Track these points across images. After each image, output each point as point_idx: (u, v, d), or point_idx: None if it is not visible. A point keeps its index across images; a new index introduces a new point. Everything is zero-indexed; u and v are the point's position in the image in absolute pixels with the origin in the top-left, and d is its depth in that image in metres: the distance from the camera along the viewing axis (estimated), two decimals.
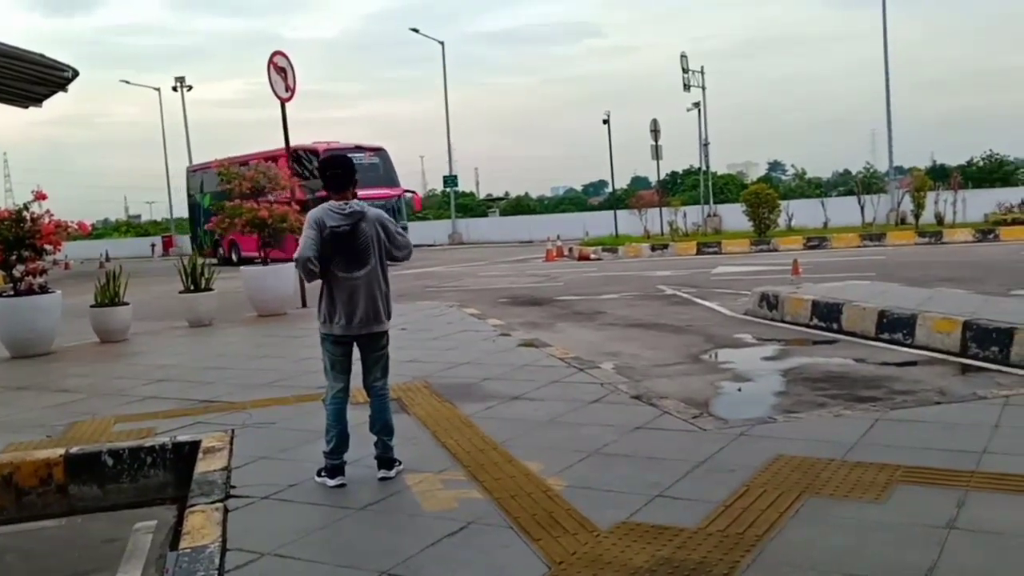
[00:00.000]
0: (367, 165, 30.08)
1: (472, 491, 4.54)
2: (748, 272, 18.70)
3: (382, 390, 5.02)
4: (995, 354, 8.00)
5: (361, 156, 29.94)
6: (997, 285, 13.22)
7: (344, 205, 4.90)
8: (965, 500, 4.00)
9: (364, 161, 30.01)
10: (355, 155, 28.13)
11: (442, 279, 21.22)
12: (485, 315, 12.43)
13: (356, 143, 32.00)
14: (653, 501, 4.23)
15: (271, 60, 14.85)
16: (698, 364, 8.77)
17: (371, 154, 32.00)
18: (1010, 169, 49.49)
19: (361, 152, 30.83)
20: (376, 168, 31.60)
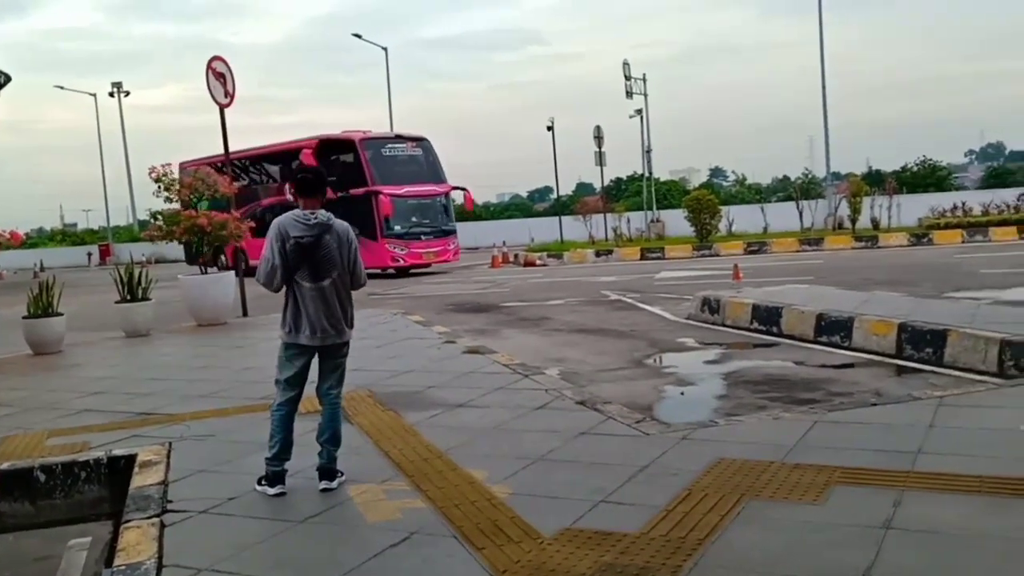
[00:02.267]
0: (407, 158, 26.90)
1: (416, 501, 4.50)
2: (691, 277, 18.91)
3: (336, 399, 4.98)
4: (929, 355, 8.20)
5: (401, 147, 26.96)
6: (931, 288, 13.57)
7: (310, 215, 4.84)
8: (901, 500, 4.08)
9: (404, 153, 26.91)
10: (395, 146, 26.44)
11: (387, 286, 21.09)
12: (430, 322, 12.38)
13: (395, 132, 28.15)
14: (597, 507, 4.24)
15: (210, 65, 14.62)
16: (642, 369, 8.83)
17: (412, 145, 27.54)
18: (943, 175, 50.85)
19: (401, 142, 27.25)
20: (418, 161, 27.39)
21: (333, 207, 21.06)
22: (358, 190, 24.72)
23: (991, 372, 7.44)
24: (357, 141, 25.64)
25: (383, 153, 26.11)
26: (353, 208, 24.49)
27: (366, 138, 26.07)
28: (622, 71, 38.45)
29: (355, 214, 24.51)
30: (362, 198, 24.60)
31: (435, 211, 26.87)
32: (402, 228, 25.44)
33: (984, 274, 15.73)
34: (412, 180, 26.05)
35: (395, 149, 26.57)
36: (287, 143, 28.71)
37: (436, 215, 26.84)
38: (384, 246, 24.82)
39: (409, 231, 25.63)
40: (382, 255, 24.85)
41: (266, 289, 4.91)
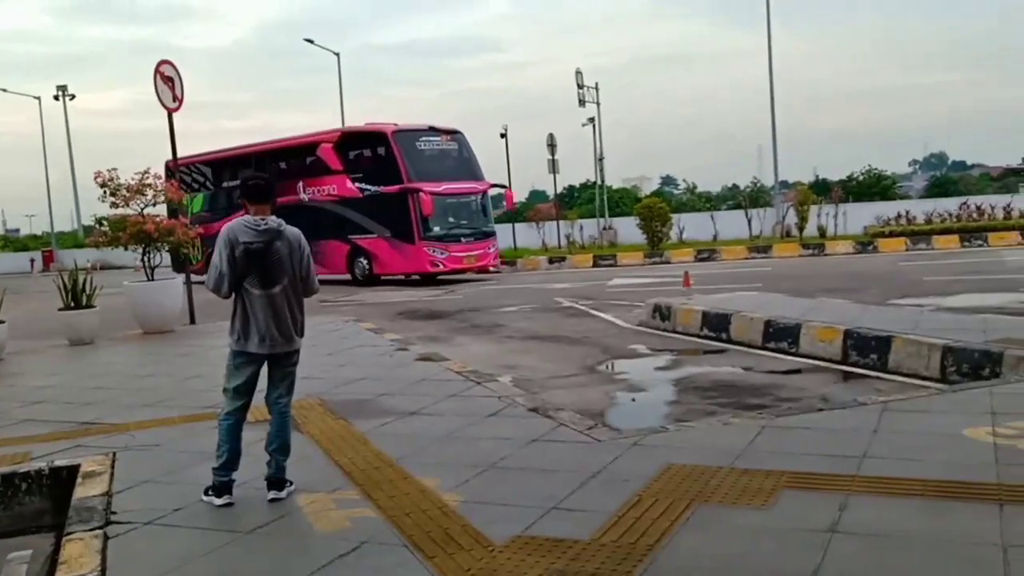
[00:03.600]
0: (442, 152, 24.34)
1: (366, 510, 4.46)
2: (642, 284, 19.06)
3: (286, 407, 4.92)
4: (874, 361, 8.35)
5: (436, 139, 24.30)
6: (876, 295, 13.84)
7: (260, 221, 4.77)
8: (847, 504, 4.14)
9: (439, 146, 24.31)
10: (429, 139, 24.02)
11: (338, 293, 20.91)
12: (382, 329, 12.31)
13: (428, 124, 24.86)
14: (548, 514, 4.24)
15: (158, 69, 14.37)
16: (594, 375, 8.88)
17: (447, 138, 24.73)
18: (888, 183, 51.88)
19: (436, 135, 24.45)
20: (453, 156, 24.75)
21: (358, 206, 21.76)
22: (390, 187, 22.90)
23: (934, 377, 7.61)
24: (389, 133, 23.32)
25: (417, 147, 23.76)
26: (384, 207, 23.18)
27: (399, 130, 23.63)
28: (575, 80, 38.66)
29: (386, 214, 23.20)
30: (395, 196, 22.78)
31: (474, 211, 24.67)
32: (441, 229, 23.25)
33: (927, 281, 16.09)
34: (448, 176, 23.81)
35: (430, 142, 24.21)
36: (301, 137, 26.82)
37: (475, 215, 24.65)
38: (423, 249, 22.82)
39: (449, 232, 23.46)
40: (420, 259, 22.90)
41: (215, 295, 4.83)
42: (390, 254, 23.48)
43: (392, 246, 23.36)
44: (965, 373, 7.44)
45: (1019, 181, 51.90)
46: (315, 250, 21.09)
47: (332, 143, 25.04)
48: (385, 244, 23.54)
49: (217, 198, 28.16)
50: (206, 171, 29.29)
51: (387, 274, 24.00)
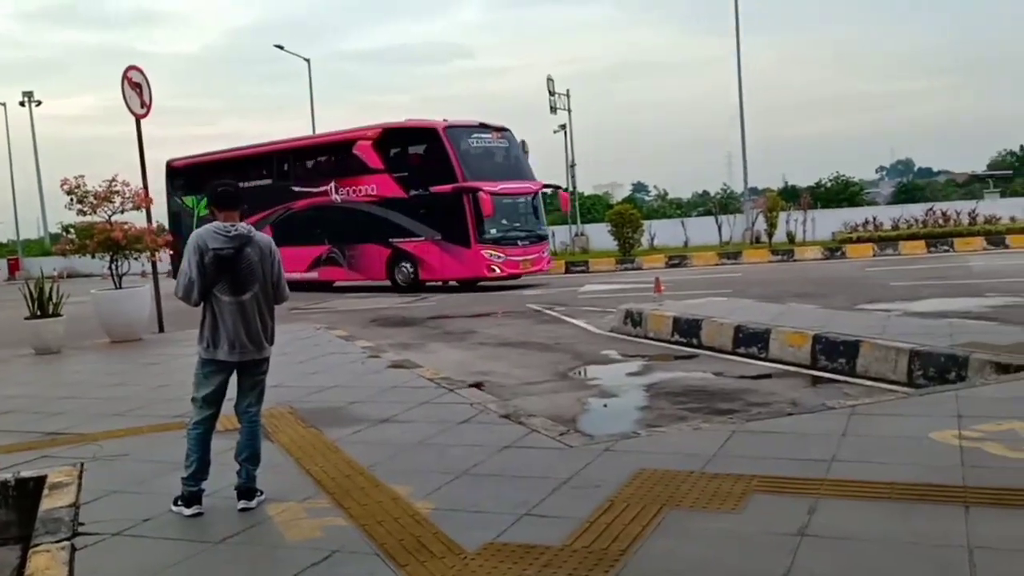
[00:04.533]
0: (494, 150, 22.98)
1: (337, 518, 4.44)
2: (614, 290, 19.14)
3: (255, 416, 4.89)
4: (842, 366, 8.45)
5: (487, 136, 22.87)
6: (844, 300, 13.99)
7: (230, 227, 4.73)
8: (816, 507, 4.18)
9: (491, 144, 22.91)
10: (480, 135, 22.68)
11: (310, 300, 20.78)
12: (354, 337, 12.25)
13: (479, 120, 23.23)
14: (520, 520, 4.24)
15: (125, 75, 14.24)
16: (566, 381, 8.89)
17: (498, 135, 23.23)
18: (855, 190, 52.57)
19: (486, 131, 22.96)
20: (505, 154, 23.28)
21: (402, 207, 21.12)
22: (441, 187, 21.46)
23: (901, 381, 7.71)
24: (441, 129, 21.86)
25: (469, 143, 22.42)
26: (433, 209, 21.81)
27: (450, 126, 22.17)
28: (546, 86, 38.79)
29: (436, 216, 21.87)
30: (447, 197, 21.37)
31: (529, 212, 23.29)
32: (498, 232, 21.82)
33: (894, 286, 16.29)
34: (501, 175, 22.40)
35: (481, 140, 22.81)
36: (333, 134, 25.43)
37: (529, 217, 23.26)
38: (480, 253, 21.41)
39: (506, 235, 22.04)
40: (477, 263, 21.55)
41: (184, 303, 4.79)
42: (440, 258, 22.02)
43: (443, 250, 21.91)
44: (931, 377, 7.55)
45: (984, 187, 52.68)
46: (349, 254, 21.72)
47: (372, 140, 23.42)
48: (434, 248, 22.07)
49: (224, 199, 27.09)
50: (218, 171, 26.32)
51: (436, 280, 22.75)
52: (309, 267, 24.43)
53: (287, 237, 24.53)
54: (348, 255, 23.93)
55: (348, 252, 23.93)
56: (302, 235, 24.28)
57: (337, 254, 24.21)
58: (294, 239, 24.01)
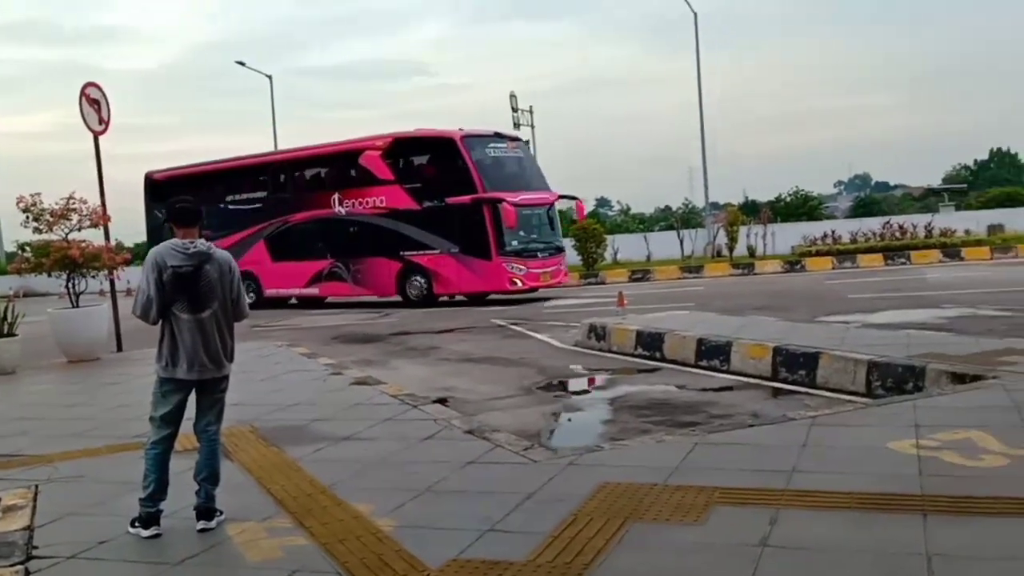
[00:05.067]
0: (511, 159, 22.30)
1: (298, 538, 4.39)
2: (578, 304, 19.19)
3: (215, 435, 4.83)
4: (803, 377, 8.54)
5: (503, 146, 22.17)
6: (804, 312, 14.15)
7: (188, 244, 4.67)
8: (777, 518, 4.21)
9: (508, 154, 22.22)
10: (496, 145, 22.03)
11: (271, 318, 20.59)
12: (316, 354, 12.15)
13: (494, 131, 22.60)
14: (484, 536, 4.23)
15: (83, 91, 14.07)
16: (530, 396, 8.89)
17: (513, 145, 22.71)
18: (814, 204, 53.27)
19: (502, 141, 22.33)
20: (521, 164, 22.65)
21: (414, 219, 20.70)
22: (459, 198, 20.73)
23: (860, 392, 7.81)
24: (458, 139, 21.05)
25: (487, 153, 21.69)
26: (449, 220, 21.09)
27: (467, 135, 21.39)
28: (509, 103, 38.92)
29: (452, 227, 21.12)
30: (466, 208, 20.69)
31: (545, 224, 22.69)
32: (519, 244, 21.21)
33: (853, 299, 16.51)
34: (519, 186, 21.68)
35: (498, 149, 22.11)
36: (336, 144, 24.10)
37: (546, 228, 22.70)
38: (501, 265, 20.72)
39: (527, 247, 21.48)
40: (499, 276, 20.84)
41: (142, 321, 4.73)
42: (458, 271, 21.27)
43: (461, 263, 21.17)
44: (890, 387, 7.65)
45: (939, 201, 53.74)
46: (355, 269, 20.82)
47: (381, 150, 22.47)
48: (451, 261, 21.27)
49: (218, 215, 24.51)
50: (203, 184, 25.89)
51: (452, 294, 22.01)
52: (309, 282, 23.73)
53: (284, 252, 24.32)
54: (353, 269, 22.99)
55: (354, 266, 22.99)
56: (301, 249, 23.69)
57: (341, 269, 23.20)
58: (292, 254, 23.77)
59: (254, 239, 24.57)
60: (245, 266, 24.15)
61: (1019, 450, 5.02)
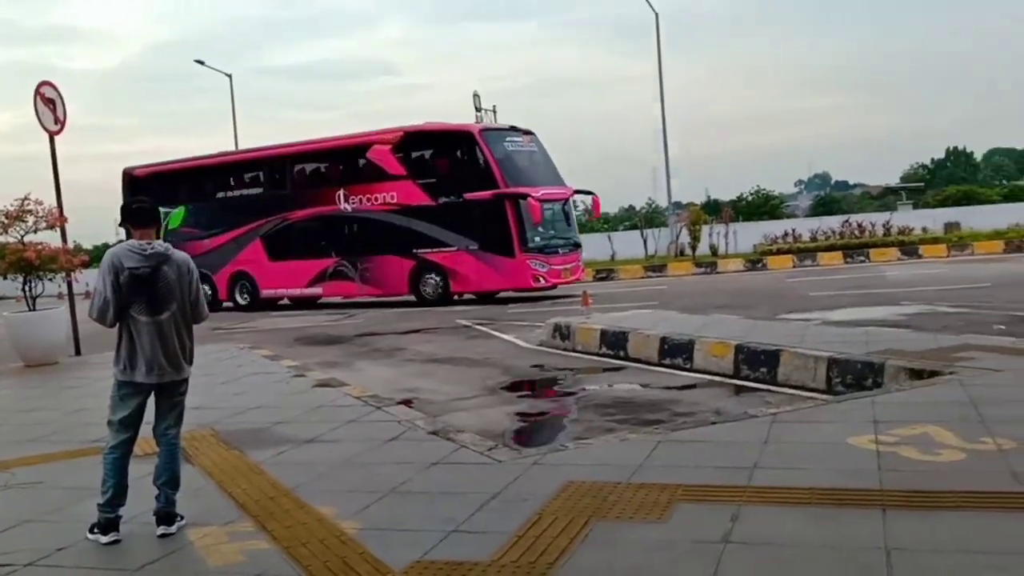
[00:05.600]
0: (527, 153, 21.77)
1: (260, 542, 4.35)
2: (543, 305, 19.21)
3: (174, 439, 4.77)
4: (764, 374, 8.62)
5: (519, 140, 21.65)
6: (765, 310, 14.30)
7: (146, 245, 4.60)
8: (739, 514, 4.25)
9: (523, 148, 21.73)
10: (513, 139, 21.52)
11: (233, 320, 20.40)
12: (279, 356, 12.06)
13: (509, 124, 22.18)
14: (448, 537, 4.22)
15: (38, 91, 13.84)
16: (495, 396, 8.89)
17: (528, 139, 22.02)
18: (775, 203, 53.94)
19: (518, 135, 21.75)
20: (536, 158, 22.04)
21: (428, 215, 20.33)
22: (479, 193, 20.15)
23: (820, 389, 7.91)
24: (476, 132, 20.65)
25: (505, 148, 21.06)
26: (467, 217, 20.50)
27: (486, 129, 21.14)
28: (473, 102, 38.84)
29: (471, 224, 20.48)
30: (486, 204, 20.14)
31: (562, 219, 22.24)
32: (541, 240, 20.77)
33: (813, 296, 16.72)
34: (537, 181, 21.13)
35: (514, 143, 21.54)
36: (341, 138, 23.33)
37: (564, 224, 22.24)
38: (525, 262, 20.22)
39: (548, 243, 21.06)
40: (522, 273, 20.32)
41: (99, 324, 4.66)
42: (477, 269, 20.64)
43: (480, 260, 20.57)
44: (849, 384, 7.75)
45: (897, 199, 54.62)
46: (363, 267, 20.41)
47: (391, 144, 21.73)
48: (469, 258, 20.68)
49: (208, 212, 24.63)
50: (191, 180, 25.62)
51: (470, 292, 21.42)
52: (311, 282, 22.99)
53: (283, 250, 23.43)
54: (361, 268, 22.17)
55: (361, 265, 22.16)
56: (302, 248, 22.92)
57: (347, 267, 22.42)
58: (292, 252, 23.03)
59: (249, 238, 23.86)
60: (239, 266, 23.99)
61: (975, 444, 5.11)
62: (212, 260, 23.69)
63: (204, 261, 23.47)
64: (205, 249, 23.61)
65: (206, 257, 23.39)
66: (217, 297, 24.16)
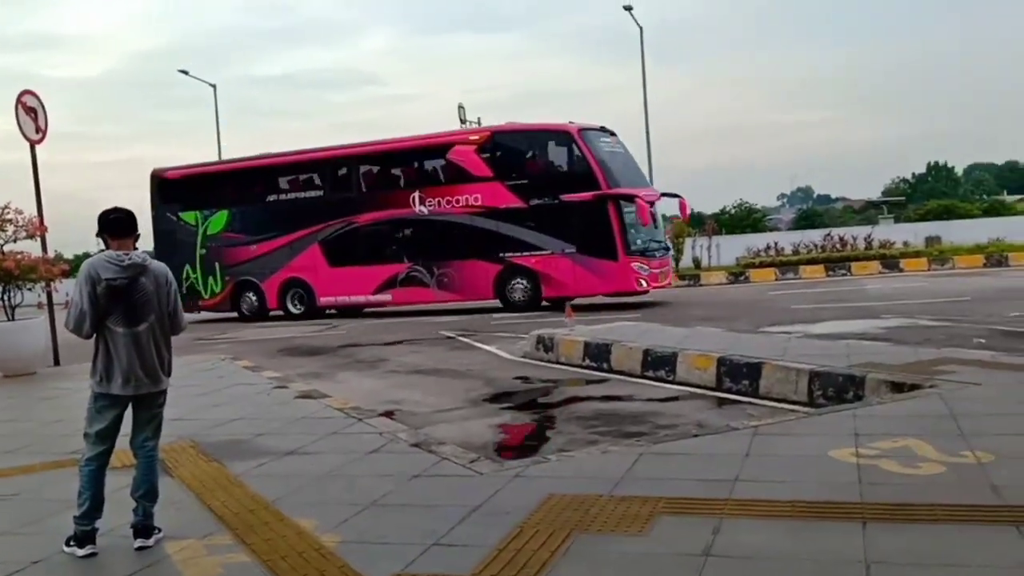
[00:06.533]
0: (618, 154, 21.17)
1: (240, 555, 4.31)
2: (526, 316, 19.20)
3: (152, 451, 4.72)
4: (746, 387, 8.64)
5: (610, 141, 21.07)
6: (748, 323, 14.35)
7: (124, 256, 4.55)
8: (720, 527, 4.25)
9: (615, 149, 21.17)
10: (606, 139, 20.85)
11: (214, 330, 20.28)
12: (261, 367, 11.98)
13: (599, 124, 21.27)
14: (429, 550, 4.19)
15: (19, 99, 13.75)
16: (478, 408, 8.87)
17: (615, 140, 21.44)
18: (758, 216, 54.22)
19: (607, 135, 21.18)
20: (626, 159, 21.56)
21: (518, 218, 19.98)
22: (579, 195, 19.52)
23: (802, 401, 7.93)
24: (576, 132, 19.95)
25: (603, 148, 20.40)
26: (566, 219, 19.89)
27: (584, 128, 20.26)
28: (457, 114, 38.90)
29: (570, 226, 19.81)
30: (588, 206, 19.51)
31: (655, 221, 21.44)
32: (641, 242, 20.24)
33: (795, 309, 16.80)
34: (631, 182, 20.56)
35: (607, 143, 20.85)
36: (417, 138, 22.38)
37: (656, 226, 21.47)
38: (630, 266, 19.60)
39: (648, 246, 20.54)
40: (627, 277, 19.70)
41: (75, 335, 4.61)
42: (575, 273, 19.92)
43: (579, 264, 19.89)
44: (831, 397, 7.78)
45: (879, 213, 55.00)
46: (440, 272, 19.92)
47: (476, 145, 21.17)
48: (565, 262, 19.98)
49: (255, 216, 23.45)
50: (235, 182, 24.48)
51: (565, 296, 19.56)
52: (379, 288, 21.98)
53: (346, 256, 22.09)
54: (439, 273, 21.32)
55: (439, 270, 21.31)
56: (369, 253, 21.94)
57: (422, 273, 21.50)
58: (357, 258, 22.06)
59: (305, 243, 22.69)
60: (293, 272, 22.87)
61: (955, 458, 5.13)
62: (260, 267, 23.15)
63: (250, 268, 23.43)
64: (251, 255, 23.18)
65: (252, 264, 23.19)
66: (264, 305, 23.39)
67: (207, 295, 24.13)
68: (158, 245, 24.19)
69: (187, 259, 23.77)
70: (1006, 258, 28.07)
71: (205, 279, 24.07)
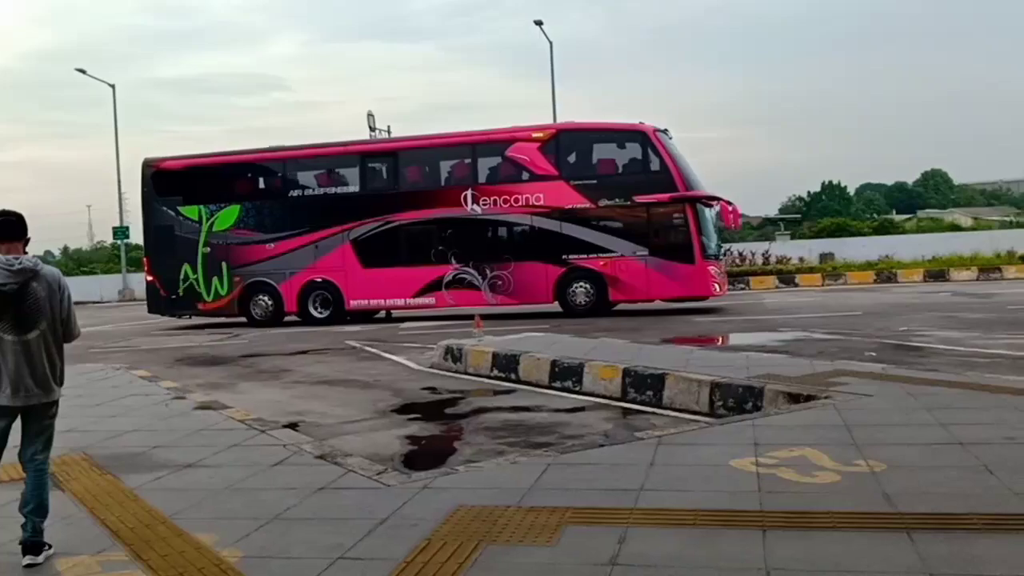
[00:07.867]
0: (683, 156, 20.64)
1: (135, 571, 4.15)
2: (435, 325, 19.14)
3: (43, 464, 4.50)
4: (650, 398, 8.80)
5: (673, 142, 20.67)
6: (652, 335, 14.62)
7: (13, 260, 4.33)
8: (626, 536, 4.30)
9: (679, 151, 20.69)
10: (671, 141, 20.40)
11: (109, 339, 19.56)
12: (158, 377, 11.60)
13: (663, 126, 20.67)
14: (334, 564, 4.11)
15: None
16: (385, 419, 8.78)
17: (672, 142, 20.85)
18: None
19: (670, 136, 20.77)
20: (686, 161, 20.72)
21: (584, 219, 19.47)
22: (654, 196, 19.09)
23: (703, 412, 8.12)
24: (651, 132, 19.38)
25: (675, 149, 20.03)
26: (639, 221, 19.43)
27: (657, 129, 19.67)
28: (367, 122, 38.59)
29: (643, 228, 19.33)
30: (664, 207, 19.17)
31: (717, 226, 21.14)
32: (715, 246, 20.10)
33: (698, 322, 17.19)
34: (700, 185, 20.34)
35: (674, 144, 20.42)
36: (473, 134, 21.07)
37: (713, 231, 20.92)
38: (707, 269, 19.31)
39: (717, 251, 20.47)
40: (704, 281, 19.32)
41: None
42: (647, 277, 19.40)
43: (652, 267, 19.35)
44: (731, 407, 7.99)
45: (775, 230, 56.83)
46: (494, 275, 18.99)
47: (540, 142, 20.18)
48: (637, 265, 19.42)
49: (272, 213, 21.79)
50: (249, 175, 22.92)
51: (635, 300, 19.87)
52: (421, 291, 20.86)
53: (382, 256, 20.74)
54: (492, 276, 20.38)
55: (493, 272, 20.37)
56: (410, 254, 20.83)
57: (472, 275, 20.52)
58: (395, 259, 20.85)
59: (334, 242, 21.19)
60: (318, 273, 21.14)
61: (850, 467, 5.32)
62: (277, 267, 21.48)
63: (265, 268, 21.50)
64: (267, 255, 21.52)
65: (268, 264, 21.52)
66: (280, 309, 21.63)
67: (209, 297, 22.09)
68: (153, 240, 22.55)
69: (186, 257, 21.86)
70: (895, 275, 29.41)
71: (208, 280, 21.96)
